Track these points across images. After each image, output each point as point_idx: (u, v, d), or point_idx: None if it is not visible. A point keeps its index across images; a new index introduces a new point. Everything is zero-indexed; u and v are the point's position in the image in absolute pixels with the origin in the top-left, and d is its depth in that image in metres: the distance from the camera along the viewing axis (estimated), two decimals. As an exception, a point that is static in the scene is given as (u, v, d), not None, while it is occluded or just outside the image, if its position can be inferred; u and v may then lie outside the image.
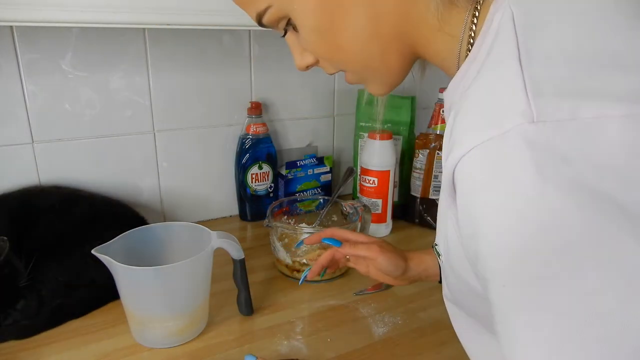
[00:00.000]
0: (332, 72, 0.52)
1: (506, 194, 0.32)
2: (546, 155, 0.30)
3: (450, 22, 0.43)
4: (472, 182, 0.34)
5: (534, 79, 0.32)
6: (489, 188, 0.33)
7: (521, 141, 0.31)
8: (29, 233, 0.78)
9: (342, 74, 0.52)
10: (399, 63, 0.48)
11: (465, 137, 0.34)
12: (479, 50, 0.39)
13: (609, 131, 0.30)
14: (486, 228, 0.33)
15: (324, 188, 1.19)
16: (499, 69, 0.35)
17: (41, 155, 0.93)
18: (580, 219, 0.29)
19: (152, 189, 1.05)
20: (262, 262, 0.93)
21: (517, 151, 0.31)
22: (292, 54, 0.52)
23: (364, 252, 0.70)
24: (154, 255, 0.73)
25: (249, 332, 0.74)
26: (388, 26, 0.44)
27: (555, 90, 0.32)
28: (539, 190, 0.30)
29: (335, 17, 0.44)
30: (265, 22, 0.48)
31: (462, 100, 0.37)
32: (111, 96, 0.96)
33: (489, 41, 0.38)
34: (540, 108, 0.31)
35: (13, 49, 0.86)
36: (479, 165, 0.33)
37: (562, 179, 0.30)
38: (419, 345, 0.71)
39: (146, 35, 0.96)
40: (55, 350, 0.68)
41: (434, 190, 1.08)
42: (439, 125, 1.06)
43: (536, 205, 0.30)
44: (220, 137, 1.09)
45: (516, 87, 0.32)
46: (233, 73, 1.07)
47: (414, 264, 0.72)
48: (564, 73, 0.32)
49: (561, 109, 0.31)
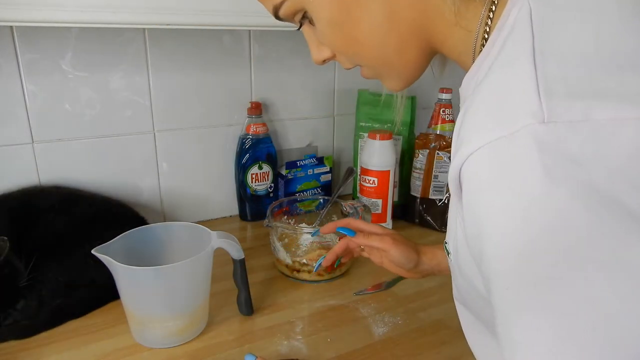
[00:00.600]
0: (348, 66, 0.52)
1: (513, 194, 0.31)
2: (556, 157, 0.30)
3: (466, 17, 0.42)
4: (478, 181, 0.34)
5: (547, 79, 0.32)
6: (495, 188, 0.32)
7: (531, 141, 0.30)
8: (29, 233, 0.78)
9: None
10: (416, 58, 0.47)
11: (474, 136, 0.34)
12: (493, 45, 0.38)
13: (623, 134, 0.29)
14: (491, 228, 0.33)
15: (324, 188, 1.19)
16: (511, 66, 0.35)
17: (41, 155, 0.93)
18: (587, 221, 0.29)
19: (152, 189, 1.05)
20: (262, 262, 0.93)
21: (526, 151, 0.30)
22: (309, 47, 0.52)
23: (377, 243, 0.71)
24: (154, 255, 0.73)
25: (249, 332, 0.74)
26: (405, 20, 0.44)
27: (568, 90, 0.31)
28: (547, 191, 0.30)
29: (351, 11, 0.44)
30: (281, 14, 0.48)
31: (473, 96, 0.36)
32: (111, 96, 0.96)
33: (503, 36, 0.37)
34: (551, 108, 0.30)
35: (13, 49, 0.86)
36: (486, 164, 0.33)
37: (570, 181, 0.29)
38: (419, 345, 0.71)
39: (146, 35, 0.96)
40: (55, 350, 0.68)
41: (434, 190, 1.08)
42: (439, 125, 1.06)
43: (543, 206, 0.30)
44: (220, 137, 1.09)
45: (528, 86, 0.32)
46: (233, 73, 1.07)
47: (427, 258, 0.72)
48: (579, 73, 0.32)
49: (574, 109, 0.30)
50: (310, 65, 1.14)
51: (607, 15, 0.35)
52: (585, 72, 0.32)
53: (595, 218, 0.29)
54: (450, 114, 1.07)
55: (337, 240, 0.86)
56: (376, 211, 1.04)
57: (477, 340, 0.52)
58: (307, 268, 0.86)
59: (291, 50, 1.11)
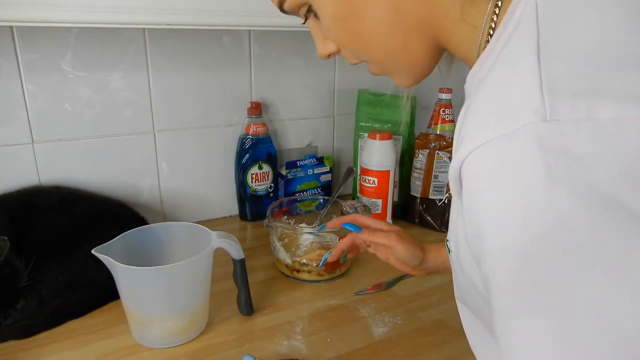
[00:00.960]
0: (354, 62, 0.51)
1: (513, 193, 0.31)
2: (557, 156, 0.29)
3: (471, 13, 0.42)
4: (478, 180, 0.33)
5: (551, 76, 0.31)
6: (495, 186, 0.32)
7: (532, 140, 0.30)
8: (29, 233, 0.78)
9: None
10: (423, 55, 0.47)
11: (475, 134, 0.33)
12: (498, 41, 0.38)
13: (626, 133, 0.29)
14: (490, 227, 0.33)
15: (324, 188, 1.19)
16: (515, 63, 0.34)
17: (41, 155, 0.93)
18: (588, 222, 0.28)
19: (152, 189, 1.05)
20: (262, 262, 0.93)
21: (527, 150, 0.30)
22: (314, 40, 0.52)
23: (382, 239, 0.71)
24: (154, 255, 0.73)
25: (249, 332, 0.74)
26: (410, 17, 0.44)
27: (572, 89, 0.31)
28: (548, 190, 0.29)
29: (355, 6, 0.44)
30: (286, 8, 0.48)
31: (475, 93, 0.36)
32: (111, 96, 0.96)
33: (508, 32, 0.37)
34: (554, 106, 0.30)
35: (13, 49, 0.86)
36: (486, 162, 0.32)
37: (572, 181, 0.29)
38: (419, 345, 0.71)
39: (146, 35, 0.96)
40: (55, 350, 0.68)
41: (434, 190, 1.08)
42: (439, 125, 1.06)
43: (543, 206, 0.29)
44: (220, 137, 1.09)
45: (531, 83, 0.31)
46: (233, 73, 1.07)
47: (432, 255, 0.72)
48: (584, 71, 0.31)
49: (577, 108, 0.30)
50: (310, 65, 1.14)
51: (613, 12, 0.34)
52: (589, 71, 0.31)
53: (596, 218, 0.28)
54: (450, 114, 1.07)
55: (337, 240, 0.86)
56: (376, 211, 1.04)
57: (478, 340, 0.52)
58: (307, 268, 0.86)
59: (291, 50, 1.11)
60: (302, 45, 1.11)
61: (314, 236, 0.89)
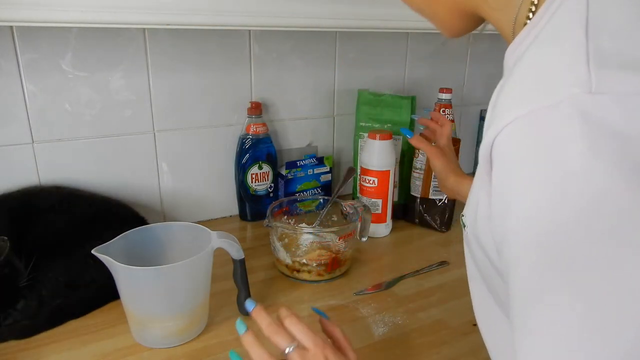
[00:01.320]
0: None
1: (550, 167, 0.29)
2: (601, 129, 0.28)
3: None
4: (512, 155, 0.32)
5: (599, 50, 0.30)
6: (531, 160, 0.30)
7: (575, 111, 0.29)
8: (29, 233, 0.78)
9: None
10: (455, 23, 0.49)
11: (512, 107, 0.32)
12: (542, 16, 0.36)
13: None
14: (522, 204, 0.31)
15: (324, 188, 1.19)
16: (560, 37, 0.33)
17: (41, 155, 0.93)
18: (629, 200, 0.27)
19: (152, 189, 1.05)
20: (262, 262, 0.93)
21: (568, 122, 0.29)
22: None
23: (426, 149, 0.88)
24: (154, 255, 0.73)
25: (249, 332, 0.74)
26: None
27: (621, 63, 0.30)
28: (588, 165, 0.28)
29: None
30: None
31: (514, 68, 0.35)
32: (111, 96, 0.96)
33: (553, 7, 0.35)
34: (601, 79, 0.29)
35: (13, 49, 0.86)
36: (522, 135, 0.31)
37: (614, 156, 0.28)
38: (419, 345, 0.71)
39: (146, 35, 0.96)
40: (55, 350, 0.68)
41: (434, 190, 1.08)
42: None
43: (583, 181, 0.28)
44: (220, 137, 1.09)
45: (577, 56, 0.30)
46: (233, 73, 1.07)
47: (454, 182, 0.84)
48: (632, 46, 0.31)
49: (625, 82, 0.29)
50: (310, 65, 1.14)
51: None
52: (638, 46, 0.31)
53: (637, 198, 0.27)
54: (450, 114, 1.07)
55: (337, 240, 0.86)
56: (376, 211, 1.04)
57: (487, 319, 0.50)
58: (307, 268, 0.86)
59: (291, 50, 1.11)
60: (302, 45, 1.11)
61: (314, 236, 0.89)
